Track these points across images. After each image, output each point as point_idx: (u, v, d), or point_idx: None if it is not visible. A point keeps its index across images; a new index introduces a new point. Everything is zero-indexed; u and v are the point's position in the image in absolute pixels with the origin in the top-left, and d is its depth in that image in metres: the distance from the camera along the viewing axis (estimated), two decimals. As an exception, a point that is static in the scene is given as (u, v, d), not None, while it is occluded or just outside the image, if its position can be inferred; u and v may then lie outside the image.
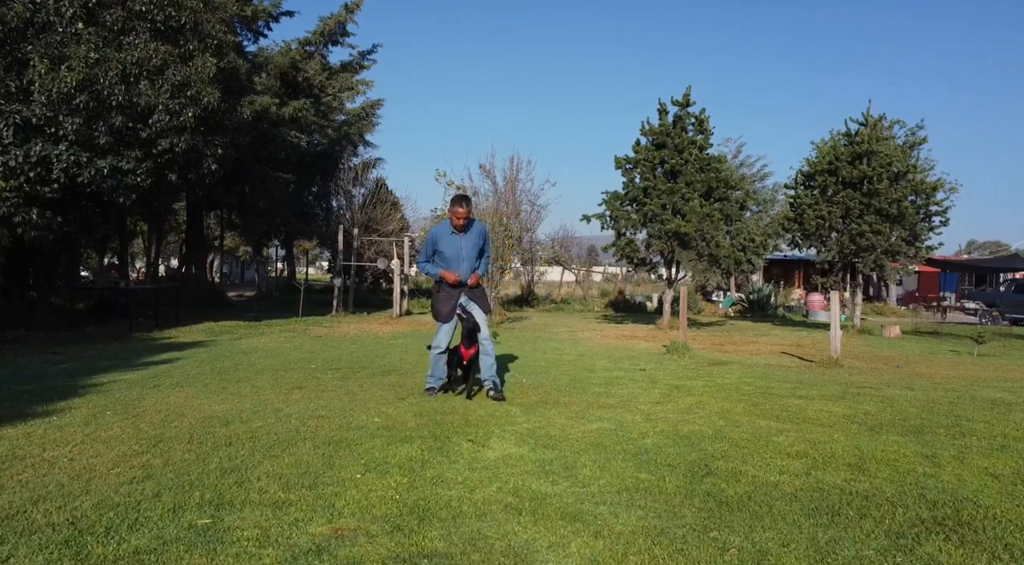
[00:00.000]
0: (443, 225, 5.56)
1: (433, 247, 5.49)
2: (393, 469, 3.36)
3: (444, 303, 5.47)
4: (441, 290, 5.51)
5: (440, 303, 5.51)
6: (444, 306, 5.46)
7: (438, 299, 5.53)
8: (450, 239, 5.44)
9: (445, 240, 5.45)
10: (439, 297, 5.53)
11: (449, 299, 5.44)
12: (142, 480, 3.11)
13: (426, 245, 5.61)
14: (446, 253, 5.43)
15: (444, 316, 5.45)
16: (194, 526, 2.55)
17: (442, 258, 5.45)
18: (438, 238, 5.48)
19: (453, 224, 5.43)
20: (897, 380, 7.09)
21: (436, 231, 5.57)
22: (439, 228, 5.58)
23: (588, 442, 4.04)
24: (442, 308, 5.47)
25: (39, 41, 8.89)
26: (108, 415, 4.56)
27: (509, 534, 2.54)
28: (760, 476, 3.31)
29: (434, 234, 5.55)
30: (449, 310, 5.41)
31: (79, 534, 2.45)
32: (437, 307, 5.51)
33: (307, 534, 2.51)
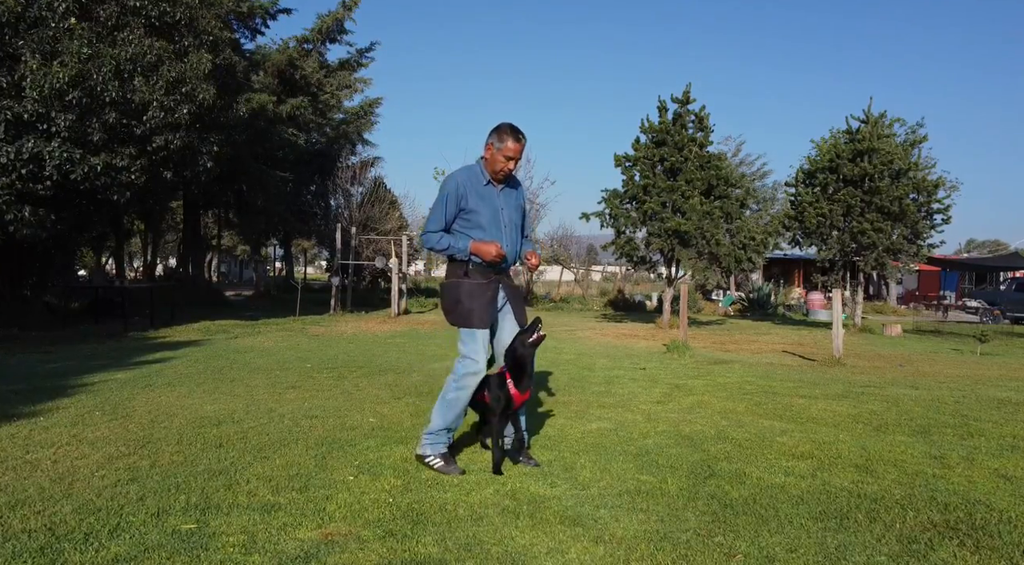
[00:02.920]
0: (471, 172, 3.48)
1: (457, 205, 3.39)
2: (387, 471, 3.26)
3: (477, 297, 3.35)
4: (470, 275, 3.38)
5: (470, 297, 3.35)
6: (476, 300, 3.35)
7: (463, 290, 3.36)
8: (485, 194, 3.44)
9: (477, 195, 3.42)
10: (464, 287, 3.37)
11: (484, 291, 3.37)
12: (127, 483, 3.01)
13: (442, 202, 3.40)
14: (480, 215, 3.40)
15: (478, 318, 3.35)
16: (178, 532, 2.45)
17: (468, 224, 3.41)
18: (466, 191, 3.40)
19: (493, 170, 3.43)
20: (901, 379, 6.99)
21: (461, 180, 3.42)
22: (465, 176, 3.45)
23: (588, 443, 3.95)
24: (474, 304, 3.34)
25: (31, 36, 8.77)
26: (96, 415, 4.46)
27: (506, 539, 2.44)
28: (765, 478, 3.21)
29: (458, 184, 3.40)
30: (484, 307, 3.36)
31: (56, 541, 2.35)
32: (464, 303, 3.35)
33: (295, 540, 2.41)
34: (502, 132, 3.42)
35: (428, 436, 3.40)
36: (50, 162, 8.90)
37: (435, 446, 3.37)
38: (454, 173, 3.52)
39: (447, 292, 3.45)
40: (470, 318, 3.35)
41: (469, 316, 3.35)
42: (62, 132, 8.96)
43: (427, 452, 3.37)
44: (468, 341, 3.37)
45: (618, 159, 14.81)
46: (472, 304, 3.35)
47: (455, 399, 3.38)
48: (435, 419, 3.41)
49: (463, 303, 3.36)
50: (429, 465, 3.32)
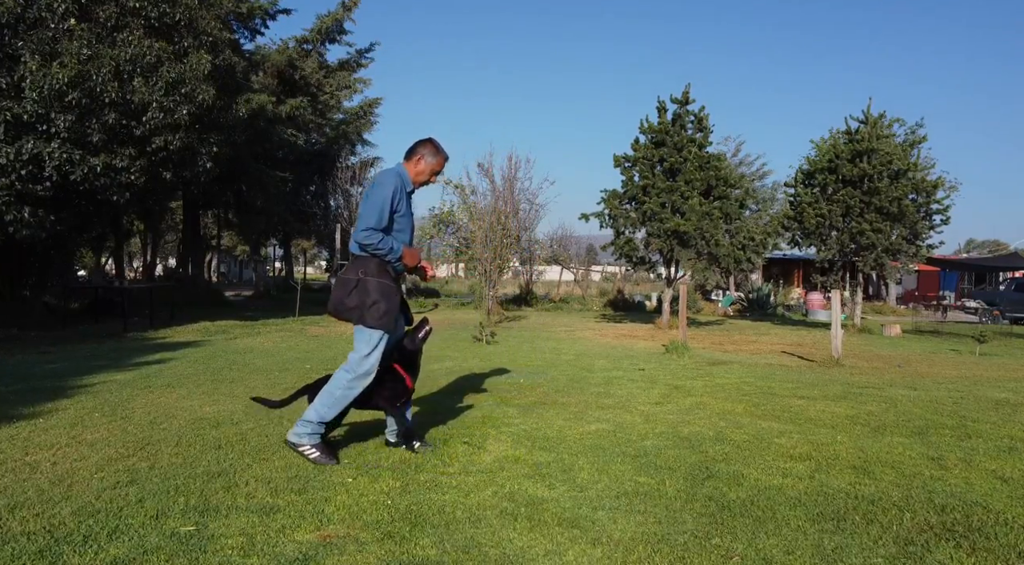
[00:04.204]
0: (403, 176, 3.58)
1: (392, 206, 3.47)
2: (385, 472, 3.27)
3: (392, 298, 3.49)
4: (386, 276, 3.48)
5: (387, 297, 3.45)
6: (391, 302, 3.47)
7: (383, 290, 3.44)
8: (408, 200, 3.63)
9: (406, 200, 3.59)
10: (384, 287, 3.44)
11: (396, 294, 3.55)
12: (126, 485, 3.01)
13: (386, 201, 3.43)
14: (405, 219, 3.59)
15: (390, 319, 3.47)
16: (177, 534, 2.46)
17: (395, 227, 3.53)
18: (401, 194, 3.53)
19: (417, 180, 3.64)
20: (899, 380, 7.00)
21: (399, 182, 3.52)
22: (400, 179, 3.55)
23: (586, 444, 3.95)
24: (390, 305, 3.46)
25: (30, 37, 8.77)
26: (96, 417, 4.46)
27: (504, 541, 2.45)
28: (763, 479, 3.22)
29: (396, 186, 3.49)
30: (396, 310, 3.52)
31: (55, 543, 2.35)
32: (381, 303, 3.42)
33: (294, 542, 2.42)
34: (436, 148, 3.67)
35: (306, 425, 3.42)
36: (50, 163, 8.90)
37: (312, 436, 3.43)
38: (391, 174, 3.56)
39: (363, 289, 3.42)
40: (384, 319, 3.44)
41: (384, 317, 3.44)
42: (62, 133, 8.97)
43: (304, 442, 3.41)
44: (372, 344, 3.45)
45: (617, 159, 14.83)
46: (389, 306, 3.46)
47: (342, 397, 3.46)
48: (314, 411, 3.43)
49: (380, 303, 3.42)
50: (304, 454, 3.38)
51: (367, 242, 3.41)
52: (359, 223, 3.47)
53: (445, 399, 5.32)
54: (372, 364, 3.46)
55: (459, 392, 5.67)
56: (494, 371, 7.20)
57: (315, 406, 3.45)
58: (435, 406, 5.01)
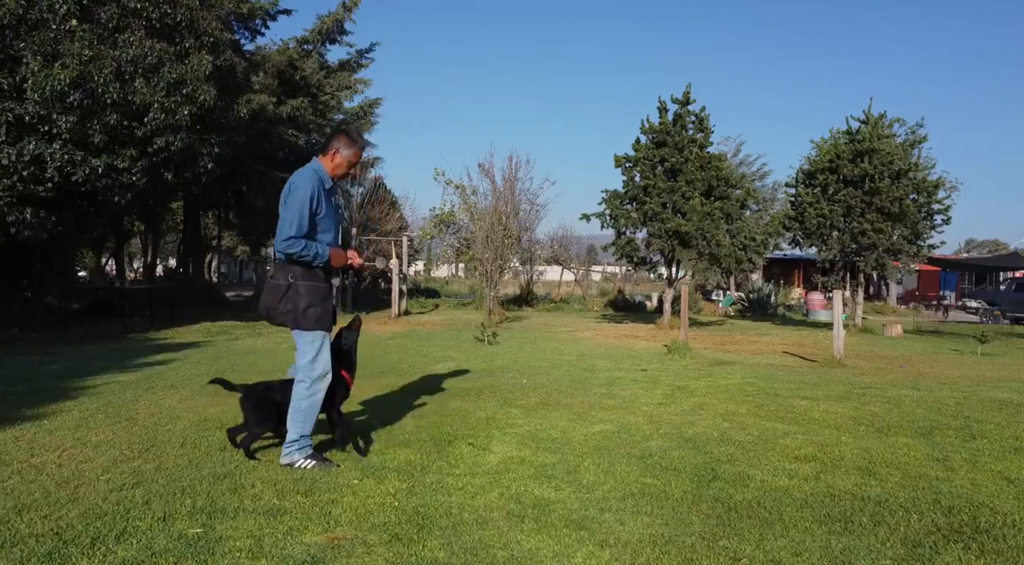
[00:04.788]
0: (318, 174, 3.46)
1: (312, 209, 3.37)
2: (391, 474, 3.27)
3: (326, 300, 3.47)
4: (316, 278, 3.44)
5: (322, 300, 3.43)
6: (326, 304, 3.46)
7: (316, 293, 3.41)
8: (329, 196, 3.51)
9: (325, 198, 3.47)
10: (317, 290, 3.42)
11: (329, 294, 3.51)
12: (132, 487, 3.01)
13: (303, 207, 3.34)
14: (328, 218, 3.49)
15: (328, 321, 3.48)
16: (184, 536, 2.46)
17: (318, 228, 3.45)
18: (320, 195, 3.42)
19: (335, 173, 3.54)
20: (902, 380, 7.00)
21: (315, 183, 3.40)
22: (316, 179, 3.43)
23: (591, 445, 3.95)
24: (325, 307, 3.45)
25: (32, 38, 8.77)
26: (100, 418, 4.46)
27: (512, 543, 2.45)
28: (769, 481, 3.22)
29: (313, 188, 3.37)
30: (331, 311, 3.50)
31: (63, 545, 2.35)
32: (317, 306, 3.40)
33: (302, 544, 2.41)
34: (350, 138, 3.56)
35: (291, 445, 3.41)
36: (51, 164, 8.90)
37: (303, 451, 3.41)
38: (306, 176, 3.44)
39: (294, 293, 3.38)
40: (321, 321, 3.43)
41: (320, 319, 3.43)
42: (63, 134, 8.96)
43: (296, 458, 3.38)
44: (316, 346, 3.44)
45: (618, 160, 14.82)
46: (323, 307, 3.44)
47: (311, 405, 3.44)
48: (292, 430, 3.41)
49: (314, 306, 3.40)
50: (303, 469, 3.33)
51: (289, 251, 3.35)
52: (279, 232, 3.40)
53: (448, 400, 5.31)
54: (323, 365, 3.45)
55: (462, 393, 5.66)
56: (496, 372, 7.20)
57: (291, 425, 3.43)
58: (440, 407, 5.00)
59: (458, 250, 22.07)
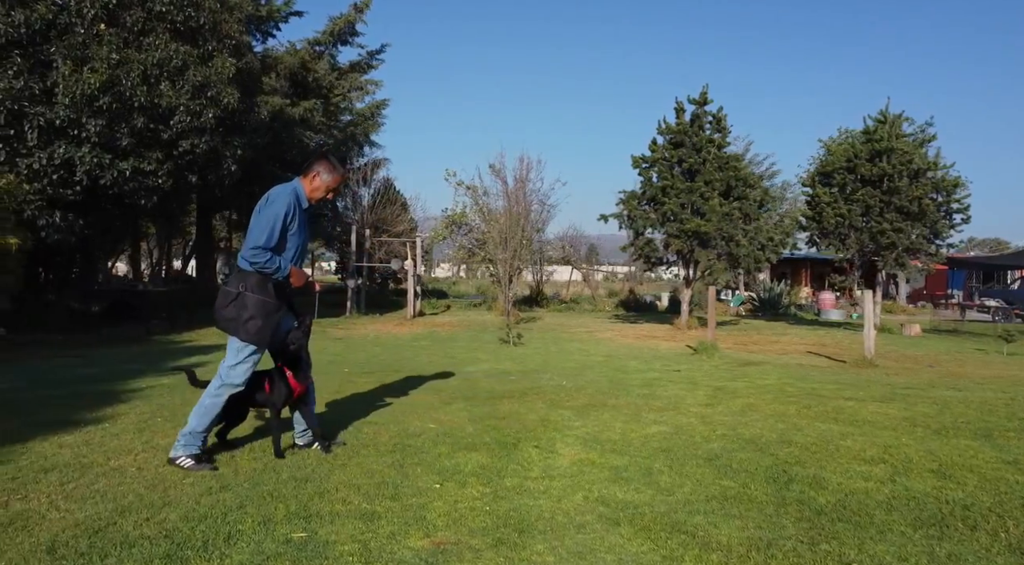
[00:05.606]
0: (297, 194, 3.58)
1: (285, 224, 3.48)
2: (470, 478, 3.29)
3: (271, 316, 3.50)
4: (266, 294, 3.48)
5: (266, 315, 3.47)
6: (269, 319, 3.49)
7: (262, 307, 3.46)
8: (303, 216, 3.62)
9: (299, 217, 3.57)
10: (264, 305, 3.47)
11: (276, 312, 3.54)
12: (219, 490, 3.03)
13: (276, 220, 3.44)
14: (296, 237, 3.58)
15: (266, 337, 3.50)
16: (291, 540, 2.48)
17: (284, 244, 3.54)
18: (295, 212, 3.53)
19: (312, 197, 3.65)
20: (939, 380, 7.02)
21: (292, 201, 3.51)
22: (294, 197, 3.54)
23: (653, 447, 3.97)
24: (267, 322, 3.48)
25: (62, 43, 8.80)
26: (159, 421, 4.49)
27: (616, 546, 2.47)
28: (845, 483, 3.24)
29: (290, 205, 3.49)
30: (271, 327, 3.53)
31: (178, 548, 2.38)
32: (258, 319, 3.44)
33: (408, 548, 2.44)
34: (332, 165, 3.67)
35: (183, 437, 3.46)
36: (80, 167, 8.93)
37: (188, 447, 3.44)
38: (285, 193, 3.54)
39: (241, 303, 3.44)
40: (259, 335, 3.48)
41: (258, 333, 3.47)
42: (92, 137, 9.00)
43: (179, 453, 3.42)
44: (242, 356, 3.50)
45: (635, 160, 14.85)
46: (265, 322, 3.49)
47: (211, 405, 3.51)
48: (191, 421, 3.49)
49: (256, 319, 3.46)
50: (180, 465, 3.36)
51: (254, 260, 3.43)
52: (248, 240, 3.48)
53: (497, 402, 5.33)
54: (240, 374, 3.51)
55: (507, 395, 5.68)
56: (531, 373, 7.22)
57: (191, 417, 3.50)
58: (491, 409, 5.02)
59: (470, 251, 22.14)
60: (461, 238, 21.75)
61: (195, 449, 3.46)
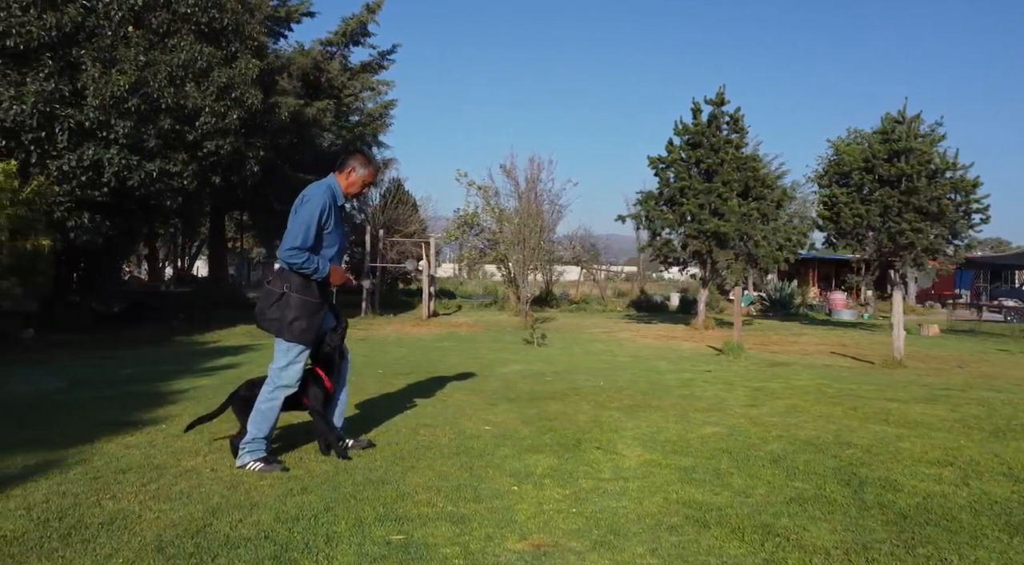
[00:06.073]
0: (332, 191, 3.58)
1: (320, 223, 3.47)
2: (545, 480, 3.30)
3: (314, 316, 3.53)
4: (310, 293, 3.50)
5: (310, 315, 3.50)
6: (314, 319, 3.52)
7: (305, 307, 3.47)
8: (338, 213, 3.63)
9: (335, 215, 3.58)
10: (307, 305, 3.48)
11: (319, 311, 3.56)
12: (300, 493, 3.05)
13: (312, 220, 3.43)
14: (333, 235, 3.58)
15: (311, 336, 3.53)
16: (390, 542, 2.50)
17: (323, 243, 3.54)
18: (330, 211, 3.52)
19: (348, 192, 3.67)
20: (973, 382, 7.03)
21: (327, 199, 3.51)
22: (329, 195, 3.54)
23: (713, 448, 3.99)
24: (312, 322, 3.51)
25: (91, 45, 8.82)
26: (215, 422, 4.46)
27: (714, 549, 2.48)
28: (920, 486, 3.25)
29: (325, 203, 3.48)
30: (317, 327, 3.56)
31: (282, 550, 2.40)
32: (303, 320, 3.47)
33: (509, 551, 2.45)
34: (366, 159, 3.71)
35: (246, 446, 3.47)
36: (109, 169, 8.96)
37: (253, 453, 3.46)
38: (320, 191, 3.54)
39: (285, 303, 3.46)
40: (305, 335, 3.50)
41: (304, 333, 3.49)
42: (120, 139, 9.02)
43: (246, 460, 3.43)
44: (291, 357, 3.52)
45: (652, 161, 14.85)
46: (310, 322, 3.51)
47: (268, 410, 3.52)
48: (251, 430, 3.49)
49: (301, 320, 3.47)
50: (251, 470, 3.38)
51: (292, 262, 3.43)
52: (285, 241, 3.47)
53: (541, 403, 5.34)
54: (292, 375, 3.53)
55: (548, 396, 5.70)
56: (564, 374, 7.24)
57: (249, 426, 3.50)
58: (538, 411, 5.03)
59: (482, 251, 22.17)
60: (473, 238, 21.80)
61: (261, 453, 3.48)
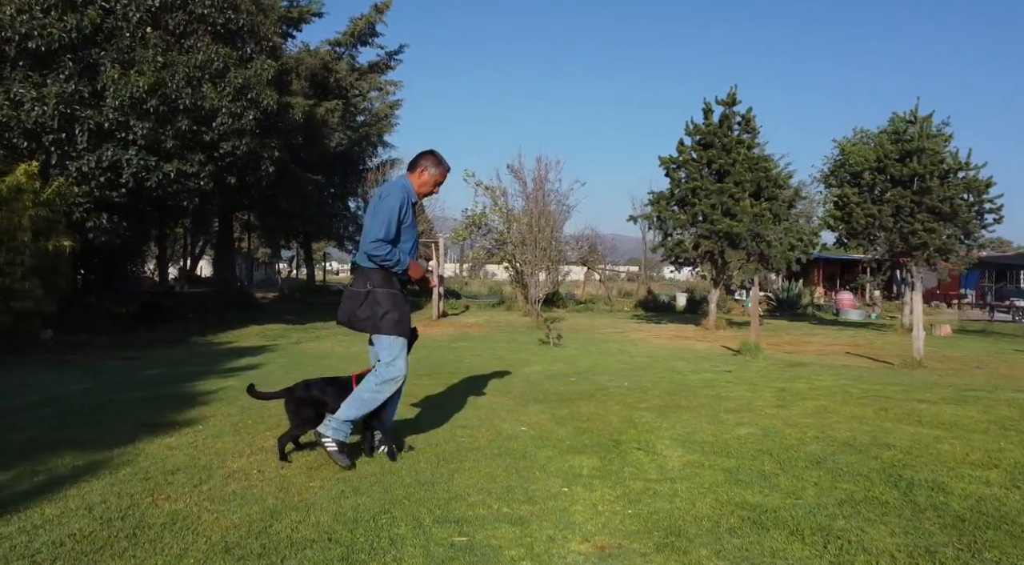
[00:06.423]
0: (408, 188, 3.68)
1: (400, 218, 3.57)
2: (594, 481, 3.31)
3: (406, 308, 3.65)
4: (393, 286, 3.61)
5: (402, 308, 3.61)
6: (406, 310, 3.64)
7: (397, 301, 3.59)
8: (412, 212, 3.71)
9: (411, 211, 3.69)
10: (398, 298, 3.61)
11: (405, 301, 3.69)
12: (352, 494, 3.06)
13: (393, 214, 3.53)
14: (410, 230, 3.67)
15: (407, 326, 3.65)
16: (454, 544, 2.50)
17: (400, 238, 3.61)
18: (406, 207, 3.62)
19: (421, 191, 3.76)
20: (997, 383, 7.02)
21: (406, 194, 3.62)
22: (407, 191, 3.65)
23: (753, 448, 3.99)
24: (405, 314, 3.62)
25: (110, 46, 8.83)
26: (250, 423, 4.52)
27: (778, 551, 2.48)
28: (969, 489, 3.25)
29: (402, 200, 3.58)
30: (409, 317, 3.67)
31: (349, 552, 2.40)
32: (398, 312, 3.56)
33: (574, 553, 2.46)
34: (439, 159, 3.78)
35: (334, 421, 3.50)
36: (127, 170, 8.97)
37: (337, 432, 3.49)
38: (398, 187, 3.64)
39: (373, 300, 3.53)
40: (399, 326, 3.58)
41: (398, 325, 3.57)
42: (139, 140, 9.03)
43: (327, 434, 3.46)
44: (396, 350, 3.58)
45: (663, 161, 14.86)
46: (401, 313, 3.60)
47: (370, 400, 3.55)
48: (345, 410, 3.52)
49: (392, 312, 3.55)
50: (323, 445, 3.45)
51: (376, 253, 3.50)
52: (367, 235, 3.54)
53: (572, 404, 5.35)
54: (399, 369, 3.57)
55: (576, 396, 5.71)
56: (586, 374, 7.24)
57: (344, 406, 3.53)
58: (570, 411, 5.04)
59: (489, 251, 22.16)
60: (481, 238, 21.78)
61: (343, 436, 3.51)
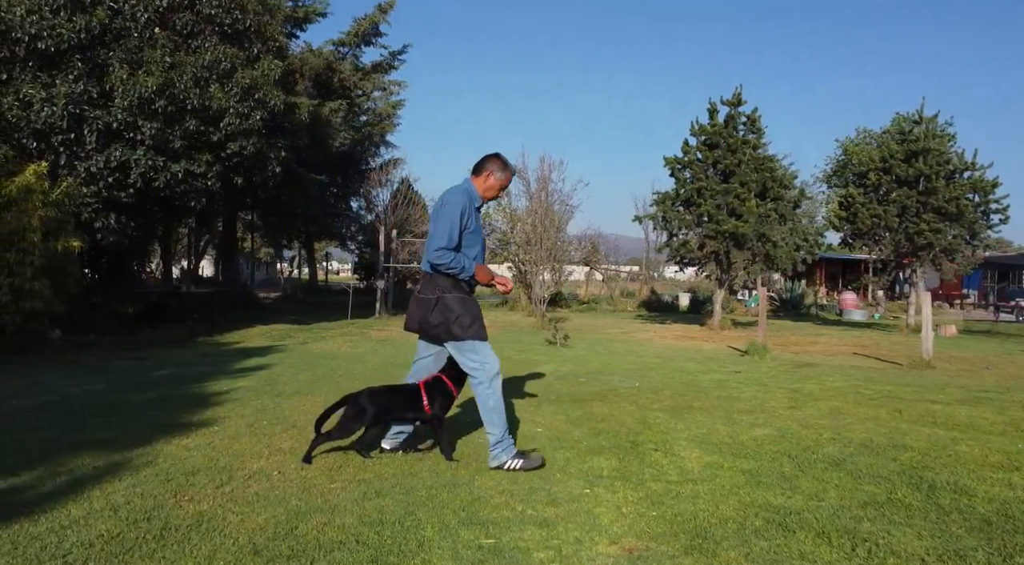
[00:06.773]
0: (470, 192, 3.67)
1: (462, 223, 3.55)
2: (615, 483, 3.30)
3: (473, 307, 3.65)
4: (463, 291, 3.62)
5: (477, 312, 3.63)
6: (475, 311, 3.63)
7: (473, 306, 3.63)
8: (477, 215, 3.71)
9: (474, 216, 3.67)
10: (472, 304, 3.64)
11: (475, 303, 3.69)
12: (375, 496, 3.05)
13: (454, 220, 3.51)
14: (475, 235, 3.65)
15: (481, 326, 3.64)
16: (482, 546, 2.50)
17: (465, 243, 3.59)
18: (470, 211, 3.61)
19: (485, 196, 3.74)
20: (1008, 384, 7.02)
21: (467, 199, 3.60)
22: (468, 196, 3.63)
23: (770, 450, 3.98)
24: (475, 315, 3.61)
25: (118, 46, 8.83)
26: (266, 424, 4.52)
27: (807, 554, 2.47)
28: (992, 492, 3.24)
29: (464, 203, 3.57)
30: (480, 317, 3.68)
31: (377, 553, 2.40)
32: (466, 317, 3.55)
33: (603, 555, 2.45)
34: (503, 163, 3.76)
35: (496, 447, 3.52)
36: (135, 170, 8.97)
37: (508, 450, 3.52)
38: (459, 192, 3.63)
39: (443, 306, 3.53)
40: (474, 329, 3.57)
41: (472, 327, 3.57)
42: (147, 140, 9.03)
43: (504, 459, 3.48)
44: (482, 351, 3.58)
45: (668, 161, 14.85)
46: (474, 317, 3.60)
47: (496, 404, 3.55)
48: (492, 431, 3.53)
49: (465, 316, 3.55)
50: (512, 468, 3.44)
51: (439, 262, 3.49)
52: (430, 243, 3.54)
53: (585, 405, 5.34)
54: (493, 366, 3.57)
55: (588, 397, 5.71)
56: (596, 374, 7.24)
57: (488, 428, 3.55)
58: (584, 412, 5.04)
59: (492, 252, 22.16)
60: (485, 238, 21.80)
61: (514, 449, 3.54)
